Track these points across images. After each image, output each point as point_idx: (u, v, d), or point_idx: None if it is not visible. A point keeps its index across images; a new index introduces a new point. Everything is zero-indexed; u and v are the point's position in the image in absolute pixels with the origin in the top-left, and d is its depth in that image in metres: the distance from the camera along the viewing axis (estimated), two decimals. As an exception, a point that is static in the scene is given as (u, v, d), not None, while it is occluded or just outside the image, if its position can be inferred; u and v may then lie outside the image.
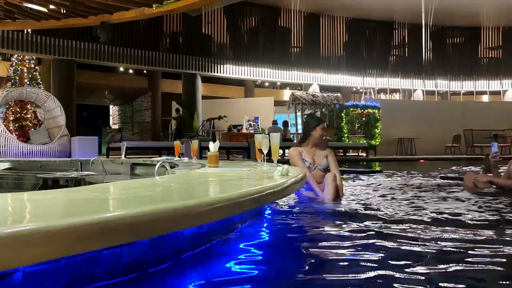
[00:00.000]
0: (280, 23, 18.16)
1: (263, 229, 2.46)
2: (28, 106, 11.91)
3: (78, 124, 14.56)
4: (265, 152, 2.91)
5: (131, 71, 18.82)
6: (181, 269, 1.55)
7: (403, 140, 15.14)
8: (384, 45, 19.80)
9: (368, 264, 1.71)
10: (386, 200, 3.67)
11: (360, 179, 5.75)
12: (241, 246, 1.97)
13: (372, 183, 5.26)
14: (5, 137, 9.57)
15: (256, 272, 1.66)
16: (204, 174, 2.47)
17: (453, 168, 8.52)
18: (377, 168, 8.90)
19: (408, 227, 2.42)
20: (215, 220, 1.45)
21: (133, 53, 14.84)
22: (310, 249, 2.04)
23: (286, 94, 21.37)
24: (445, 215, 2.85)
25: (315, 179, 3.72)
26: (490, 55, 20.61)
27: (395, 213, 2.94)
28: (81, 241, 0.92)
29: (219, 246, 1.87)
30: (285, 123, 14.01)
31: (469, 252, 1.88)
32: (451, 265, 1.69)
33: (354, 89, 19.77)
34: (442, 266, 1.67)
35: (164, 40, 16.14)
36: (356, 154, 14.44)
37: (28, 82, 12.17)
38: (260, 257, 1.87)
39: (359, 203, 3.43)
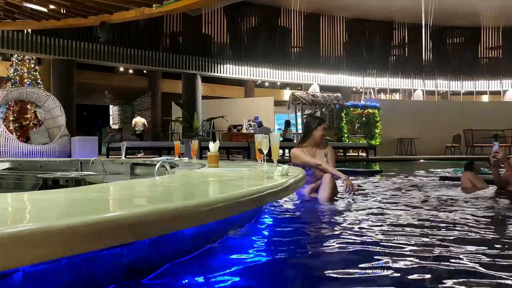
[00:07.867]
0: (280, 23, 18.15)
1: (263, 228, 2.46)
2: (28, 106, 11.92)
3: (78, 124, 14.56)
4: (265, 152, 2.92)
5: (131, 71, 18.81)
6: (181, 269, 1.55)
7: (403, 140, 15.13)
8: (384, 45, 19.79)
9: (368, 264, 1.71)
10: (386, 200, 3.67)
11: (360, 180, 5.75)
12: (240, 246, 1.97)
13: (372, 184, 5.27)
14: (5, 137, 9.56)
15: (256, 272, 1.66)
16: (204, 174, 2.47)
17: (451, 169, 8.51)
18: (377, 168, 8.89)
19: (407, 228, 2.42)
20: (215, 220, 1.45)
21: (133, 53, 14.83)
22: (309, 249, 2.05)
23: (286, 94, 21.37)
24: (444, 216, 2.85)
25: (317, 178, 3.78)
26: (490, 55, 20.60)
27: (395, 214, 2.95)
28: (81, 241, 0.92)
29: (218, 247, 1.87)
30: (287, 123, 13.99)
31: (468, 252, 1.88)
32: (450, 265, 1.69)
33: (354, 89, 19.75)
34: (442, 266, 1.67)
35: (164, 40, 16.13)
36: (356, 154, 14.43)
37: (28, 82, 12.17)
38: (259, 257, 1.87)
39: (358, 204, 3.43)
